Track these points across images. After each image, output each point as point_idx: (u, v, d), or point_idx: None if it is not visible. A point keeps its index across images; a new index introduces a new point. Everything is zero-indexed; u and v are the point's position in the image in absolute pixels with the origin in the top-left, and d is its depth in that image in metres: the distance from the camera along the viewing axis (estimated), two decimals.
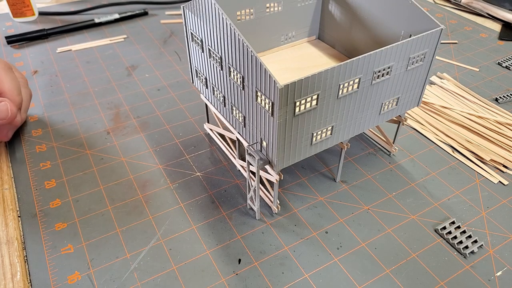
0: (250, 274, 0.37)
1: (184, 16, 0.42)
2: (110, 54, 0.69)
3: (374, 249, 0.40)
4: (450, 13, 0.82)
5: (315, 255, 0.39)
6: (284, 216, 0.43)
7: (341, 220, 0.42)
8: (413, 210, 0.43)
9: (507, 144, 0.51)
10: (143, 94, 0.60)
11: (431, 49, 0.39)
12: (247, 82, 0.35)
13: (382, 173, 0.47)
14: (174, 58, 0.68)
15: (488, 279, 0.37)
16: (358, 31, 0.47)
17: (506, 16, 0.78)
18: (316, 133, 0.37)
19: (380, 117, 0.41)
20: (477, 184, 0.46)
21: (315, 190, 0.45)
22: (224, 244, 0.40)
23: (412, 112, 0.56)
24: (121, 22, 0.78)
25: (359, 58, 0.34)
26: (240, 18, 0.45)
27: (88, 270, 0.38)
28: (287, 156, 0.36)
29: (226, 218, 0.42)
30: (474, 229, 0.41)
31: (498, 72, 0.65)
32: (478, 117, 0.54)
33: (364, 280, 0.37)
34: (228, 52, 0.36)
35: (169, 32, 0.75)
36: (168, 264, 0.38)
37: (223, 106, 0.43)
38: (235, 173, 0.47)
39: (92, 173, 0.47)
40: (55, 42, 0.72)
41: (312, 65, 0.48)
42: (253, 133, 0.38)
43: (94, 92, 0.60)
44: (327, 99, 0.35)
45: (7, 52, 0.69)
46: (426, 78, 0.42)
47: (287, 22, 0.49)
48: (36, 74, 0.64)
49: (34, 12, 0.78)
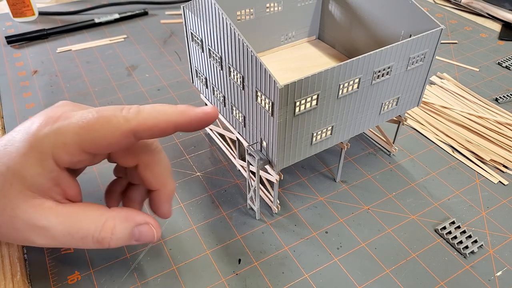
0: (250, 274, 0.37)
1: (184, 16, 0.42)
2: (110, 54, 0.69)
3: (374, 249, 0.40)
4: (450, 13, 0.82)
5: (315, 255, 0.39)
6: (284, 216, 0.43)
7: (341, 220, 0.42)
8: (413, 210, 0.43)
9: (507, 144, 0.51)
10: (143, 94, 0.60)
11: (431, 49, 0.39)
12: (247, 82, 0.35)
13: (382, 173, 0.47)
14: (174, 58, 0.68)
15: (488, 279, 0.37)
16: (358, 31, 0.47)
17: (506, 16, 0.78)
18: (316, 133, 0.37)
19: (380, 117, 0.41)
20: (477, 184, 0.46)
21: (315, 190, 0.45)
22: (224, 244, 0.40)
23: (412, 112, 0.56)
24: (121, 22, 0.78)
25: (359, 58, 0.34)
26: (240, 18, 0.45)
27: (88, 270, 0.38)
28: (287, 156, 0.36)
29: (226, 218, 0.42)
30: (474, 229, 0.41)
31: (498, 72, 0.65)
32: (478, 117, 0.54)
33: (364, 280, 0.37)
34: (228, 52, 0.36)
35: (169, 32, 0.75)
36: (168, 264, 0.38)
37: (223, 106, 0.43)
38: (235, 173, 0.47)
39: (92, 173, 0.47)
40: (55, 42, 0.72)
41: (312, 65, 0.48)
42: (253, 133, 0.38)
43: (94, 92, 0.60)
44: (327, 99, 0.35)
45: (7, 52, 0.69)
46: (426, 78, 0.42)
47: (287, 22, 0.49)
48: (36, 74, 0.64)
49: (34, 12, 0.78)
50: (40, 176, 0.31)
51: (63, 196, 0.32)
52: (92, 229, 0.32)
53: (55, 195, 0.32)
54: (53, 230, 0.31)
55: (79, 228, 0.32)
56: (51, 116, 0.31)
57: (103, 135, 0.31)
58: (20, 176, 0.30)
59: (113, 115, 0.31)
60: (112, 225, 0.33)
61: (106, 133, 0.31)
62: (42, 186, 0.31)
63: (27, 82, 0.62)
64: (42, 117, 0.32)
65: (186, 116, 0.32)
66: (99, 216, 0.33)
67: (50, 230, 0.31)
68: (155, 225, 0.35)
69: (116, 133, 0.31)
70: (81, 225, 0.32)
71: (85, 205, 0.33)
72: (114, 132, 0.31)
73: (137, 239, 0.34)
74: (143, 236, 0.34)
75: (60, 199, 0.32)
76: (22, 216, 0.31)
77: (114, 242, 0.33)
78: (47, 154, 0.30)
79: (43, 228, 0.31)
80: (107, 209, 0.33)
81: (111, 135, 0.31)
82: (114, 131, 0.31)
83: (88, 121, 0.31)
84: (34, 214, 0.31)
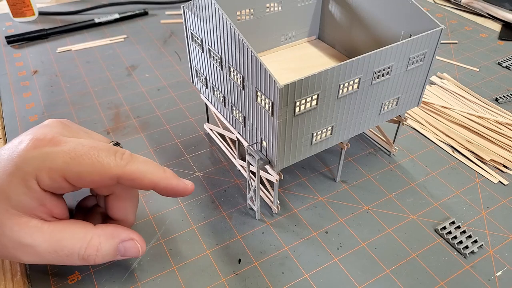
0: (250, 274, 0.37)
1: (184, 16, 0.42)
2: (110, 54, 0.69)
3: (374, 249, 0.40)
4: (450, 13, 0.82)
5: (315, 255, 0.39)
6: (284, 216, 0.43)
7: (341, 220, 0.42)
8: (413, 210, 0.43)
9: (507, 144, 0.51)
10: (143, 94, 0.60)
11: (431, 49, 0.39)
12: (247, 82, 0.35)
13: (382, 173, 0.47)
14: (174, 58, 0.68)
15: (488, 279, 0.37)
16: (358, 31, 0.47)
17: (506, 16, 0.78)
18: (316, 133, 0.37)
19: (380, 117, 0.41)
20: (477, 184, 0.46)
21: (315, 190, 0.45)
22: (224, 244, 0.40)
23: (412, 112, 0.56)
24: (121, 22, 0.78)
25: (359, 58, 0.34)
26: (240, 18, 0.45)
27: (88, 270, 0.38)
28: (287, 156, 0.36)
29: (226, 218, 0.42)
30: (474, 229, 0.41)
31: (498, 72, 0.65)
32: (478, 117, 0.54)
33: (364, 280, 0.37)
34: (228, 52, 0.36)
35: (169, 32, 0.75)
36: (168, 264, 0.38)
37: (223, 106, 0.43)
38: (235, 173, 0.47)
39: None
40: (55, 42, 0.72)
41: (312, 65, 0.48)
42: (253, 133, 0.38)
43: (94, 92, 0.60)
44: (327, 99, 0.35)
45: (7, 52, 0.69)
46: (426, 78, 0.42)
47: (287, 22, 0.49)
48: (36, 74, 0.64)
49: (34, 12, 0.78)
50: (25, 195, 0.31)
51: (49, 215, 0.33)
52: (78, 247, 0.33)
53: (41, 213, 0.32)
54: (39, 248, 0.32)
55: (64, 246, 0.32)
56: (40, 138, 0.32)
57: (90, 171, 0.31)
58: (5, 195, 0.31)
59: (106, 156, 0.32)
60: (97, 242, 0.33)
61: (93, 170, 0.32)
62: (27, 205, 0.31)
63: (27, 82, 0.62)
64: (30, 137, 0.32)
65: (167, 183, 0.34)
66: (84, 234, 0.33)
67: (36, 248, 0.32)
68: (139, 240, 0.36)
69: (103, 174, 0.32)
70: (66, 243, 0.32)
71: (71, 223, 0.34)
72: (102, 173, 0.32)
73: (122, 254, 0.35)
74: (128, 251, 0.35)
75: (46, 217, 0.33)
76: (8, 234, 0.31)
77: (100, 258, 0.34)
78: (30, 175, 0.31)
79: (29, 246, 0.31)
80: (92, 226, 0.34)
81: (97, 174, 0.32)
82: (102, 172, 0.32)
83: (80, 155, 0.31)
84: (20, 232, 0.31)
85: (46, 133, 0.33)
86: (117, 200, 0.36)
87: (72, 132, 0.35)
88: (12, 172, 0.31)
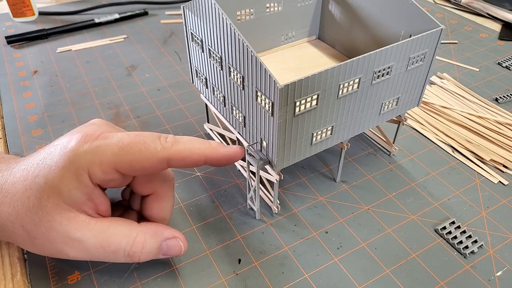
0: (250, 274, 0.37)
1: (184, 16, 0.42)
2: (110, 54, 0.69)
3: (374, 249, 0.40)
4: (450, 13, 0.82)
5: (315, 255, 0.39)
6: (284, 216, 0.43)
7: (341, 220, 0.42)
8: (413, 210, 0.43)
9: (507, 144, 0.51)
10: (143, 94, 0.60)
11: (431, 49, 0.39)
12: (247, 82, 0.35)
13: (382, 173, 0.47)
14: (174, 58, 0.68)
15: (488, 279, 0.37)
16: (358, 31, 0.47)
17: (506, 16, 0.78)
18: (316, 133, 0.37)
19: (380, 117, 0.41)
20: (477, 184, 0.46)
21: (315, 190, 0.45)
22: (224, 244, 0.40)
23: (412, 112, 0.56)
24: (121, 22, 0.78)
25: (359, 58, 0.34)
26: (240, 18, 0.45)
27: (88, 270, 0.38)
28: (287, 156, 0.36)
29: (226, 218, 0.42)
30: (474, 229, 0.41)
31: (498, 72, 0.65)
32: (478, 117, 0.55)
33: (364, 280, 0.37)
34: (228, 52, 0.36)
35: (169, 32, 0.75)
36: (168, 264, 0.38)
37: (223, 106, 0.43)
38: (235, 173, 0.47)
39: None
40: (55, 42, 0.72)
41: (312, 65, 0.48)
42: (253, 133, 0.38)
43: (94, 92, 0.60)
44: (327, 99, 0.35)
45: (7, 52, 0.69)
46: (426, 78, 0.42)
47: (287, 22, 0.49)
48: (36, 74, 0.64)
49: (34, 12, 0.78)
50: (76, 189, 0.32)
51: (95, 211, 0.34)
52: (124, 244, 0.33)
53: (88, 209, 0.33)
54: (87, 243, 0.32)
55: (111, 242, 0.33)
56: (90, 134, 0.33)
57: (139, 159, 0.32)
58: (57, 189, 0.31)
59: (151, 142, 0.33)
60: (143, 239, 0.34)
61: (142, 157, 0.32)
62: (77, 200, 0.32)
63: (27, 82, 0.62)
64: (80, 134, 0.33)
65: (217, 153, 0.35)
66: (130, 231, 0.34)
67: (84, 243, 0.32)
68: (182, 238, 0.36)
69: (152, 159, 0.33)
70: (113, 240, 0.33)
71: (116, 220, 0.34)
72: (151, 158, 0.32)
73: (165, 253, 0.35)
74: (170, 250, 0.35)
75: (92, 214, 0.33)
76: (57, 228, 0.32)
77: (144, 256, 0.34)
78: (83, 169, 0.31)
79: (77, 241, 0.32)
80: (137, 224, 0.35)
81: (146, 159, 0.32)
82: (150, 156, 0.32)
83: (127, 144, 0.32)
84: (69, 226, 0.32)
85: (95, 129, 0.34)
86: (157, 199, 0.37)
87: (117, 130, 0.36)
88: (65, 166, 0.31)
